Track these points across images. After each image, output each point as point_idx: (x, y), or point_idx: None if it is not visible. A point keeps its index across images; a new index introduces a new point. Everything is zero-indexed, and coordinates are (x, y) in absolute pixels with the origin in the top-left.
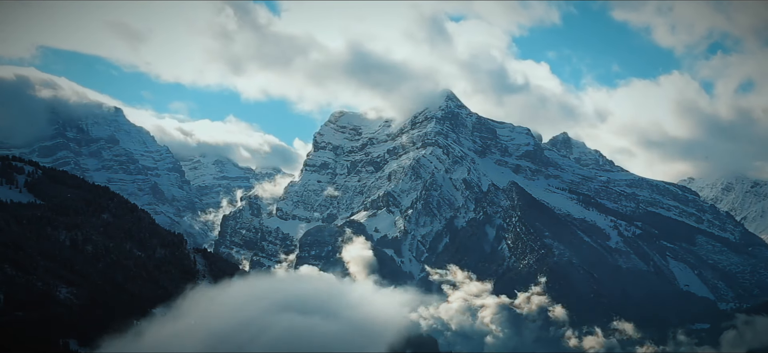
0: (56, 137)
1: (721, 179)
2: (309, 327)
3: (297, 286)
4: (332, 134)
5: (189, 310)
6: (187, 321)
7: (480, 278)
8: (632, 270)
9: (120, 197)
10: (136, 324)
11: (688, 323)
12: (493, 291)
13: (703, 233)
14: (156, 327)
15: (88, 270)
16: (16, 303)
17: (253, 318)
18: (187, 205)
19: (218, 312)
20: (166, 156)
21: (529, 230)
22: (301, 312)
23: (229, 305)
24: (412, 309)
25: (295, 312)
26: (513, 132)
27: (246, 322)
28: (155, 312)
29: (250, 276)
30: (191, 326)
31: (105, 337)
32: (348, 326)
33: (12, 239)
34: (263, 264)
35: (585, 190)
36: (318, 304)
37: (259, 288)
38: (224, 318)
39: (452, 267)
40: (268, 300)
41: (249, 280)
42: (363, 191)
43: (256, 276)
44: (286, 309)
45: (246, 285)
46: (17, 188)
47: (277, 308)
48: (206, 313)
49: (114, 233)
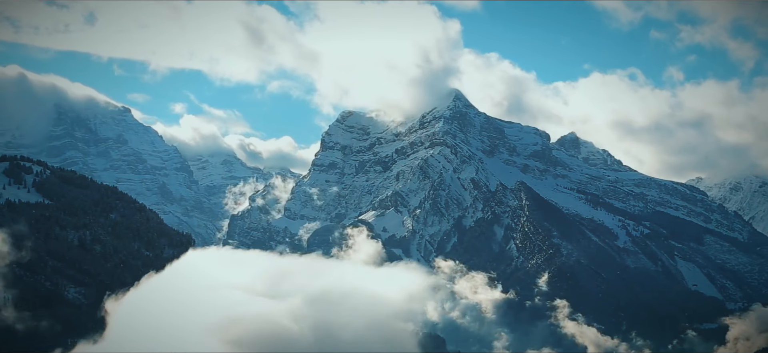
0: (64, 137)
1: (729, 179)
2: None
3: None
4: (340, 134)
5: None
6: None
7: (488, 277)
8: (640, 269)
9: (128, 197)
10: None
11: (697, 323)
12: (501, 291)
13: (711, 233)
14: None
15: (97, 269)
16: (24, 303)
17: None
18: (195, 205)
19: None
20: (174, 156)
21: (537, 230)
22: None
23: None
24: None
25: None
26: (521, 132)
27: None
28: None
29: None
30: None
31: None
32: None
33: (20, 239)
34: None
35: (593, 190)
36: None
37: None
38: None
39: (460, 266)
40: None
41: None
42: (371, 190)
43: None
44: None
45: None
46: (25, 188)
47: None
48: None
49: (122, 233)
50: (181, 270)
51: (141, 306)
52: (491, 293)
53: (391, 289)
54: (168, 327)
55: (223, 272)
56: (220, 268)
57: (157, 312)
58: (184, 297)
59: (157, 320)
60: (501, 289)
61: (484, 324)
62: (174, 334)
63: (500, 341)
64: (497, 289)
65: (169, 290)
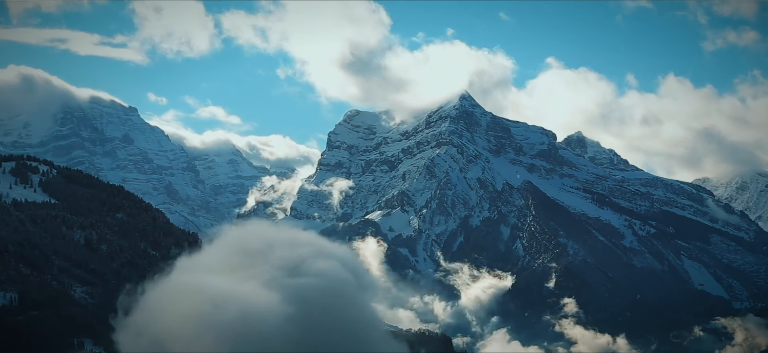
0: (71, 137)
1: (735, 178)
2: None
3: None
4: (347, 134)
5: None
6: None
7: (494, 276)
8: (647, 269)
9: (134, 197)
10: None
11: (703, 322)
12: (507, 290)
13: (717, 233)
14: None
15: (103, 269)
16: (30, 302)
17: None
18: (201, 204)
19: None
20: (180, 156)
21: (543, 230)
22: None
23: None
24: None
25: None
26: (527, 131)
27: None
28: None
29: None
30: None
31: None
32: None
33: (27, 239)
34: None
35: (599, 189)
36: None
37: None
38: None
39: (466, 265)
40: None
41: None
42: (377, 190)
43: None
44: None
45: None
46: (32, 188)
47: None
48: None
49: (128, 233)
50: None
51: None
52: (497, 292)
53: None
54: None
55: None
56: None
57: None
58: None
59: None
60: (507, 288)
61: (489, 322)
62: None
63: (506, 339)
64: (503, 288)
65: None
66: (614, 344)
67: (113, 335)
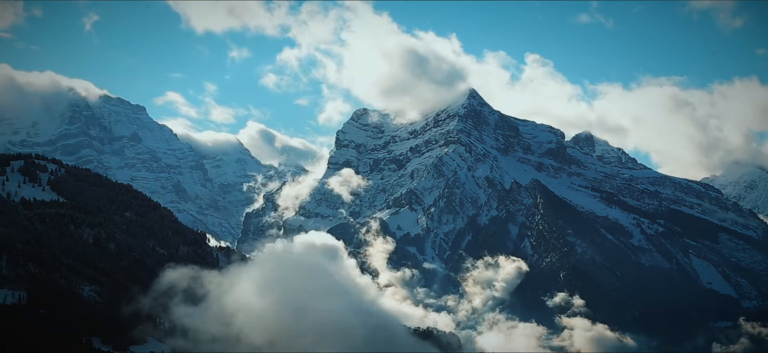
0: (79, 136)
1: (744, 176)
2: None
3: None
4: (355, 132)
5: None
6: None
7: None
8: (655, 267)
9: (142, 195)
10: (159, 322)
11: (711, 321)
12: (515, 288)
13: (726, 231)
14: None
15: (112, 267)
16: (39, 301)
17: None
18: (209, 203)
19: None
20: (188, 154)
21: (551, 228)
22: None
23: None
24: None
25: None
26: (536, 130)
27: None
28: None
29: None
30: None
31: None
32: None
33: (35, 237)
34: None
35: (608, 188)
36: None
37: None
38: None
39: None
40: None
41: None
42: (386, 189)
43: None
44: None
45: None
46: (40, 187)
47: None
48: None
49: (137, 231)
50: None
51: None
52: (504, 290)
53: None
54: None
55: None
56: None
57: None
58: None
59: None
60: (515, 287)
61: (497, 321)
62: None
63: (514, 337)
64: (511, 287)
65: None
66: (622, 342)
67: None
